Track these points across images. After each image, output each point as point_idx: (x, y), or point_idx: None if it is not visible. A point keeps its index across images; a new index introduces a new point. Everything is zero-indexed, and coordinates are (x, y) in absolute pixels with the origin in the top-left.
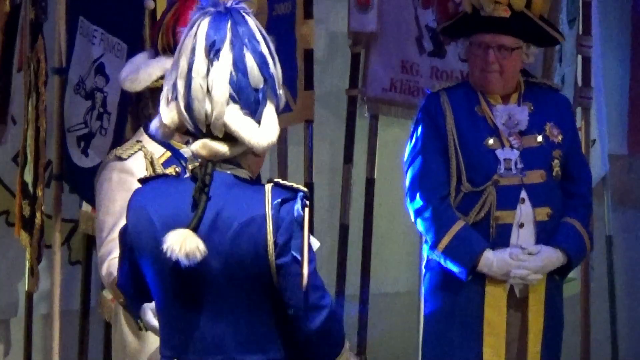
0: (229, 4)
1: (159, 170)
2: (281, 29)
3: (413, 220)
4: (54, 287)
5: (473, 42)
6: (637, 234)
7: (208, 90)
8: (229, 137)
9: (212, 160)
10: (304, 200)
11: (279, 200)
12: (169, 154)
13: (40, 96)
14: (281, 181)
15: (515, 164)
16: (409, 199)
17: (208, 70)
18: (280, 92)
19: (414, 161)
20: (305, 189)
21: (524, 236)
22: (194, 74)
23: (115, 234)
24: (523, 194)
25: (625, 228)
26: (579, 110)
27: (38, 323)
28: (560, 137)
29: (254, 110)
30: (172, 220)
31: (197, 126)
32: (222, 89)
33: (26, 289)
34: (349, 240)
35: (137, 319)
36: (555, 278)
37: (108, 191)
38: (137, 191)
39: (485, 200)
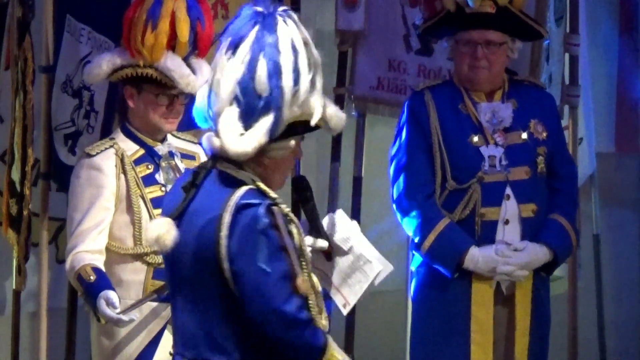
0: (271, 10)
1: (129, 167)
2: None
3: (399, 218)
4: (41, 286)
5: (459, 39)
6: (624, 233)
7: (217, 81)
8: None
9: (215, 156)
10: (270, 208)
11: (241, 203)
12: (142, 151)
13: (28, 94)
14: (262, 187)
15: (500, 160)
16: (394, 198)
17: (224, 62)
18: (287, 102)
19: (399, 160)
20: (274, 199)
21: (509, 233)
22: (217, 68)
23: (81, 229)
24: (508, 191)
25: (613, 226)
26: (566, 108)
27: (25, 321)
28: (544, 134)
29: (249, 116)
30: (170, 209)
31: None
32: (228, 86)
33: (13, 287)
34: None
35: (95, 311)
36: (542, 274)
37: (76, 187)
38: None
39: (470, 198)
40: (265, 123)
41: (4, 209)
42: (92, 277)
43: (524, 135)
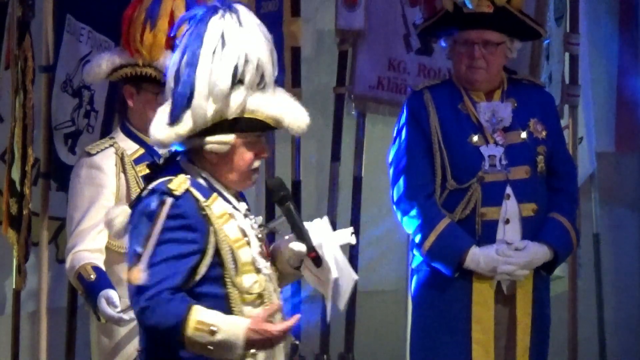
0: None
1: (129, 166)
2: (268, 27)
3: (399, 218)
4: (41, 285)
5: (458, 39)
6: (624, 232)
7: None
8: None
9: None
10: (162, 197)
11: (148, 189)
12: (142, 150)
13: (28, 94)
14: (173, 178)
15: (500, 160)
16: (394, 198)
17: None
18: (202, 102)
19: (398, 160)
20: (174, 188)
21: (509, 232)
22: None
23: (81, 228)
24: (508, 190)
25: (613, 226)
26: (566, 108)
27: (25, 321)
28: (544, 133)
29: (174, 106)
30: None
31: None
32: (169, 77)
33: (13, 286)
34: None
35: (95, 310)
36: (542, 274)
37: (76, 186)
38: None
39: (471, 197)
40: (183, 114)
41: (4, 208)
42: (92, 276)
43: (524, 135)
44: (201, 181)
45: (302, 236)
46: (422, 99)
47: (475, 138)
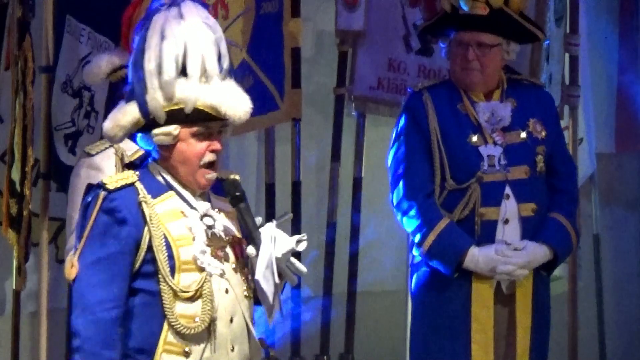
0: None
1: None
2: (268, 28)
3: (399, 218)
4: (41, 286)
5: (453, 40)
6: (624, 232)
7: None
8: None
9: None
10: (97, 189)
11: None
12: (141, 151)
13: (28, 95)
14: (118, 177)
15: (499, 160)
16: (393, 198)
17: None
18: (147, 97)
19: (398, 160)
20: (103, 184)
21: (509, 232)
22: None
23: None
24: (507, 190)
25: (613, 226)
26: (566, 108)
27: (25, 321)
28: (543, 133)
29: (126, 101)
30: None
31: None
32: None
33: (13, 287)
34: (337, 238)
35: None
36: (542, 274)
37: (76, 187)
38: None
39: (470, 197)
40: (129, 108)
41: (4, 209)
42: None
43: (523, 135)
44: (160, 179)
45: (254, 240)
46: (421, 99)
47: (474, 138)
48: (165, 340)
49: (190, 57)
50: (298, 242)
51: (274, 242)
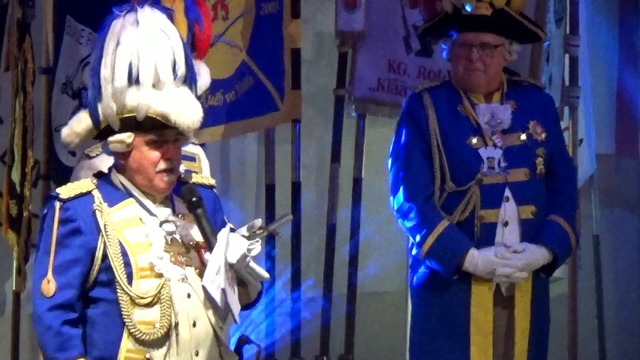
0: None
1: None
2: (268, 29)
3: (398, 220)
4: None
5: (456, 41)
6: (624, 233)
7: None
8: None
9: None
10: (52, 200)
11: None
12: None
13: (28, 96)
14: (77, 182)
15: (499, 162)
16: (393, 200)
17: None
18: (101, 104)
19: (397, 162)
20: (57, 194)
21: (508, 234)
22: None
23: None
24: (507, 193)
25: (613, 227)
26: (566, 109)
27: (25, 322)
28: (543, 135)
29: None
30: None
31: None
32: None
33: (13, 288)
34: (337, 239)
35: None
36: (541, 276)
37: None
38: None
39: (470, 200)
40: (84, 115)
41: (4, 210)
42: None
43: (523, 137)
44: (120, 186)
45: (210, 245)
46: (421, 100)
47: (474, 140)
48: (126, 347)
49: (142, 64)
50: (249, 248)
51: (227, 247)
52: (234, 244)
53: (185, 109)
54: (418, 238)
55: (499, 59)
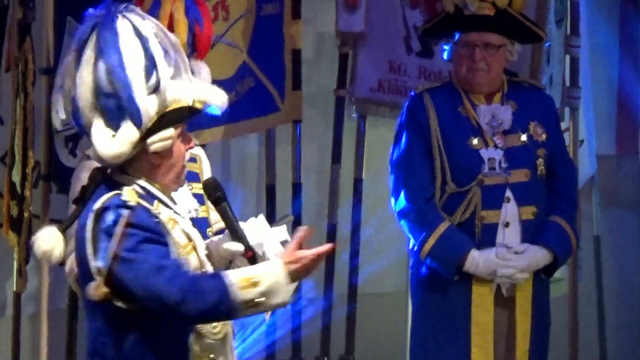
0: (114, 9)
1: None
2: (269, 29)
3: (399, 221)
4: (42, 287)
5: (458, 41)
6: (625, 234)
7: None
8: None
9: (104, 168)
10: (118, 209)
11: (100, 207)
12: None
13: (28, 96)
14: (125, 188)
15: (500, 163)
16: (394, 201)
17: (75, 74)
18: (143, 92)
19: (398, 163)
20: (124, 198)
21: (509, 235)
22: (66, 74)
23: None
24: (508, 193)
25: (613, 228)
26: (567, 110)
27: (26, 323)
28: (544, 136)
29: (111, 119)
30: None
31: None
32: (85, 98)
33: (14, 289)
34: (337, 239)
35: None
36: (542, 277)
37: (76, 190)
38: None
39: (471, 200)
40: (127, 119)
41: (4, 210)
42: None
43: (524, 138)
44: (139, 190)
45: (239, 236)
46: (422, 101)
47: (475, 141)
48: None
49: (166, 58)
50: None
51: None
52: (275, 232)
53: (214, 89)
54: (419, 239)
55: (501, 59)
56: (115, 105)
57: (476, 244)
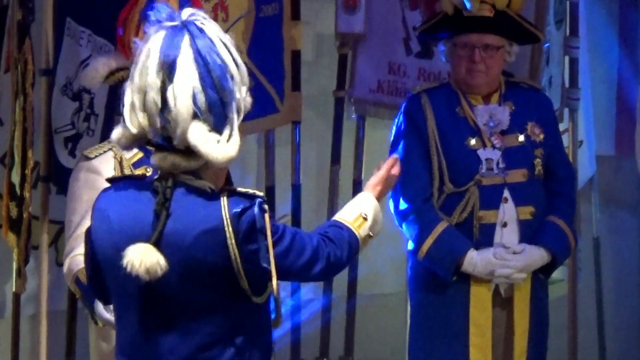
0: (185, 17)
1: (128, 170)
2: (268, 30)
3: (397, 222)
4: (41, 288)
5: (457, 42)
6: (624, 235)
7: (165, 105)
8: (190, 150)
9: (173, 172)
10: (263, 206)
11: (238, 210)
12: (140, 154)
13: (28, 97)
14: (237, 189)
15: (497, 163)
16: (392, 202)
17: (163, 86)
18: (243, 94)
19: None
20: (262, 194)
21: (507, 235)
22: (147, 88)
23: (79, 232)
24: (506, 194)
25: (613, 229)
26: (566, 111)
27: (25, 324)
28: (542, 136)
29: (218, 124)
30: (130, 228)
31: (159, 139)
32: (185, 105)
33: (13, 290)
34: None
35: (92, 314)
36: (540, 277)
37: (75, 190)
38: (103, 192)
39: (468, 201)
40: (234, 123)
41: (3, 211)
42: None
43: (521, 138)
44: (208, 190)
45: None
46: (419, 102)
47: (472, 141)
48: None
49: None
50: None
51: None
52: None
53: None
54: (417, 239)
55: (500, 60)
56: (222, 112)
57: (474, 244)
